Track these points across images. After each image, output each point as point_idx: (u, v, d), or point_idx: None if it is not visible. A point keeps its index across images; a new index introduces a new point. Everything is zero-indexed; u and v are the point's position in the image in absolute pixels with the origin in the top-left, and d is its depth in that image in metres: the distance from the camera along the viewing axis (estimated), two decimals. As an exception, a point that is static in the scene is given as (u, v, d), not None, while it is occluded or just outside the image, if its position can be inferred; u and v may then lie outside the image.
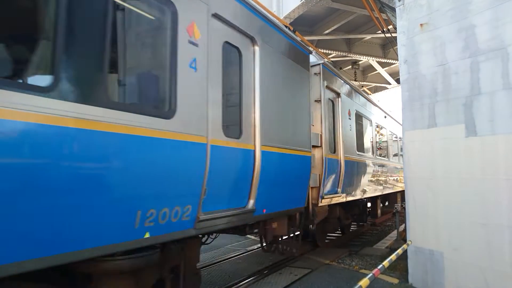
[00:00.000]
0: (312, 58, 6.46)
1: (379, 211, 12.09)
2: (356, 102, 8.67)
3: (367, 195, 9.24)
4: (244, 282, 5.51)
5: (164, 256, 3.27)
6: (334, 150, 7.00)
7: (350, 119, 7.91)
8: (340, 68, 16.84)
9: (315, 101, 6.36)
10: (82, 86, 2.35)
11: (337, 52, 15.68)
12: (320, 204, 6.19)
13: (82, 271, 2.72)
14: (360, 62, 18.34)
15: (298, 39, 5.78)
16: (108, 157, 2.48)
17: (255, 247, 8.24)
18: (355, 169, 8.00)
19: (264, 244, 6.06)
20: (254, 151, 4.20)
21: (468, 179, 4.64)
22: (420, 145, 5.23)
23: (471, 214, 4.59)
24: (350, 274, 5.99)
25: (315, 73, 6.47)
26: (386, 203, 14.25)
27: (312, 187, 6.00)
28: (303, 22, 13.16)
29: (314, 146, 6.04)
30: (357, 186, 8.27)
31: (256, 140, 4.22)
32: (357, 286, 3.20)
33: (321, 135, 6.29)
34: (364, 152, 8.92)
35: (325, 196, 6.35)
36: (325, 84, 6.66)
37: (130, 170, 2.63)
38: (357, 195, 8.34)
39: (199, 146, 3.26)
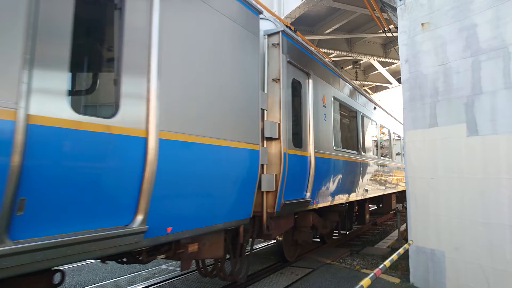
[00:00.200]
0: (269, 25, 5.18)
1: (367, 216, 10.51)
2: (335, 88, 7.14)
3: (352, 198, 7.87)
4: (245, 281, 5.52)
5: None
6: (300, 144, 5.54)
7: (325, 107, 6.43)
8: (341, 68, 16.83)
9: (273, 80, 4.94)
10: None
11: (338, 52, 15.68)
12: (278, 213, 4.83)
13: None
14: (361, 62, 18.34)
15: None
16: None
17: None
18: (332, 169, 6.64)
19: (202, 268, 4.69)
20: (147, 138, 2.77)
21: (469, 179, 4.64)
22: (422, 144, 5.23)
23: (472, 213, 4.59)
24: (351, 274, 5.99)
25: (273, 44, 5.02)
26: (381, 205, 13.25)
27: (267, 192, 4.71)
28: (304, 22, 13.17)
29: (269, 139, 4.79)
30: (337, 188, 6.87)
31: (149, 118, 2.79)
32: (359, 285, 3.20)
33: (279, 124, 4.82)
34: (346, 149, 7.55)
35: (287, 202, 4.99)
36: (287, 59, 5.15)
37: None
38: (337, 200, 6.95)
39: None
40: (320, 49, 13.66)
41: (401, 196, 13.43)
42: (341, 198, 7.18)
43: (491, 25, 4.50)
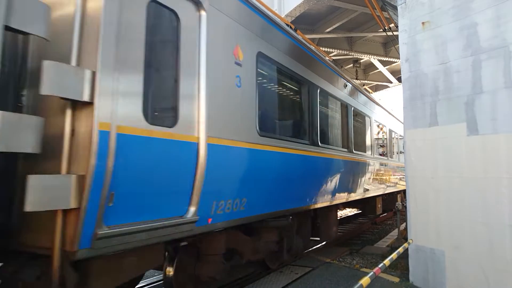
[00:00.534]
0: None
1: (333, 229, 7.50)
2: (267, 41, 4.70)
3: (300, 208, 5.55)
4: (245, 280, 5.53)
5: None
6: (173, 120, 3.17)
7: (240, 65, 4.06)
8: (342, 67, 16.81)
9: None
10: None
11: (338, 51, 15.66)
12: (87, 252, 2.57)
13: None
14: (361, 61, 18.32)
15: None
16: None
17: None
18: (251, 165, 4.24)
19: None
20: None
21: (469, 178, 4.63)
22: (422, 144, 5.22)
23: (472, 212, 4.58)
24: (351, 273, 5.99)
25: None
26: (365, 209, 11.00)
27: (65, 212, 2.45)
28: (305, 21, 13.15)
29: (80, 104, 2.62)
30: (269, 195, 4.69)
31: None
32: (358, 284, 3.20)
33: (95, 73, 2.50)
34: (292, 137, 5.43)
35: (122, 230, 2.69)
36: None
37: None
38: (269, 213, 4.70)
39: None
40: (321, 48, 13.64)
41: (391, 198, 12.42)
42: (279, 205, 4.98)
43: (491, 24, 4.49)
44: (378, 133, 10.93)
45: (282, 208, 5.04)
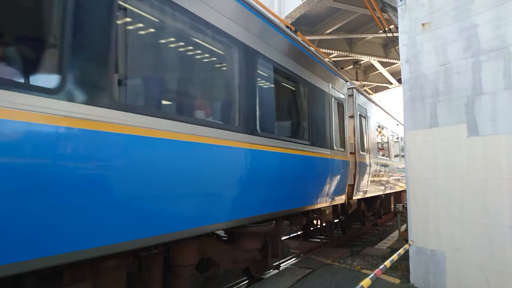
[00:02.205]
0: None
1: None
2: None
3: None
4: (245, 282, 5.52)
5: None
6: None
7: None
8: (342, 68, 16.83)
9: None
10: None
11: (338, 52, 15.69)
12: None
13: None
14: (361, 62, 18.34)
15: None
16: None
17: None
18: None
19: None
20: None
21: (469, 179, 4.63)
22: (422, 145, 5.22)
23: (472, 214, 4.58)
24: (351, 274, 5.98)
25: None
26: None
27: None
28: (305, 22, 13.18)
29: None
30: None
31: None
32: (359, 286, 3.19)
33: None
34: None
35: None
36: None
37: None
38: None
39: None
40: (321, 49, 13.65)
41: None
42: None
43: (491, 25, 4.49)
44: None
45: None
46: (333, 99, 7.02)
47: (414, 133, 5.34)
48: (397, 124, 13.53)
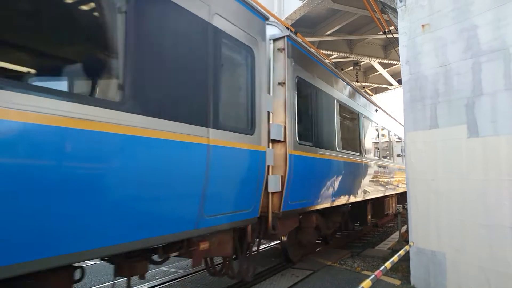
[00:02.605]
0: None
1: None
2: None
3: None
4: (246, 283, 5.51)
5: None
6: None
7: None
8: (342, 69, 16.84)
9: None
10: None
11: (338, 53, 15.69)
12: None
13: None
14: (361, 63, 18.33)
15: None
16: None
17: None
18: None
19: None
20: None
21: (470, 180, 4.63)
22: (422, 146, 5.22)
23: (473, 215, 4.57)
24: (352, 276, 5.98)
25: None
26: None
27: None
28: (305, 24, 13.18)
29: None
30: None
31: None
32: (359, 287, 3.19)
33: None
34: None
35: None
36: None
37: None
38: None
39: None
40: (321, 51, 13.67)
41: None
42: None
43: (491, 26, 4.50)
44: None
45: None
46: (219, 36, 3.88)
47: (414, 134, 5.34)
48: (376, 110, 10.51)
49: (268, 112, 4.85)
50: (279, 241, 7.22)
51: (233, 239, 4.45)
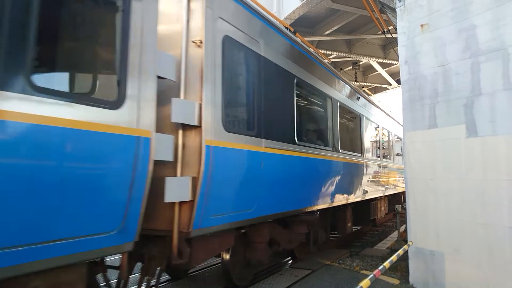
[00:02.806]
0: None
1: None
2: None
3: None
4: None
5: None
6: None
7: None
8: (341, 69, 16.85)
9: None
10: None
11: (337, 53, 15.70)
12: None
13: None
14: (360, 63, 18.35)
15: None
16: None
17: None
18: None
19: None
20: None
21: (468, 180, 4.64)
22: (421, 145, 5.22)
23: (472, 214, 4.58)
24: (350, 275, 5.98)
25: None
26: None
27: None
28: (304, 23, 13.18)
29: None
30: None
31: None
32: (358, 287, 3.19)
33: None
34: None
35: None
36: None
37: None
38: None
39: None
40: (320, 50, 13.67)
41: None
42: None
43: (490, 26, 4.51)
44: None
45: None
46: None
47: (413, 134, 5.35)
48: (355, 96, 8.59)
49: (161, 79, 3.12)
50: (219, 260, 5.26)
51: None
